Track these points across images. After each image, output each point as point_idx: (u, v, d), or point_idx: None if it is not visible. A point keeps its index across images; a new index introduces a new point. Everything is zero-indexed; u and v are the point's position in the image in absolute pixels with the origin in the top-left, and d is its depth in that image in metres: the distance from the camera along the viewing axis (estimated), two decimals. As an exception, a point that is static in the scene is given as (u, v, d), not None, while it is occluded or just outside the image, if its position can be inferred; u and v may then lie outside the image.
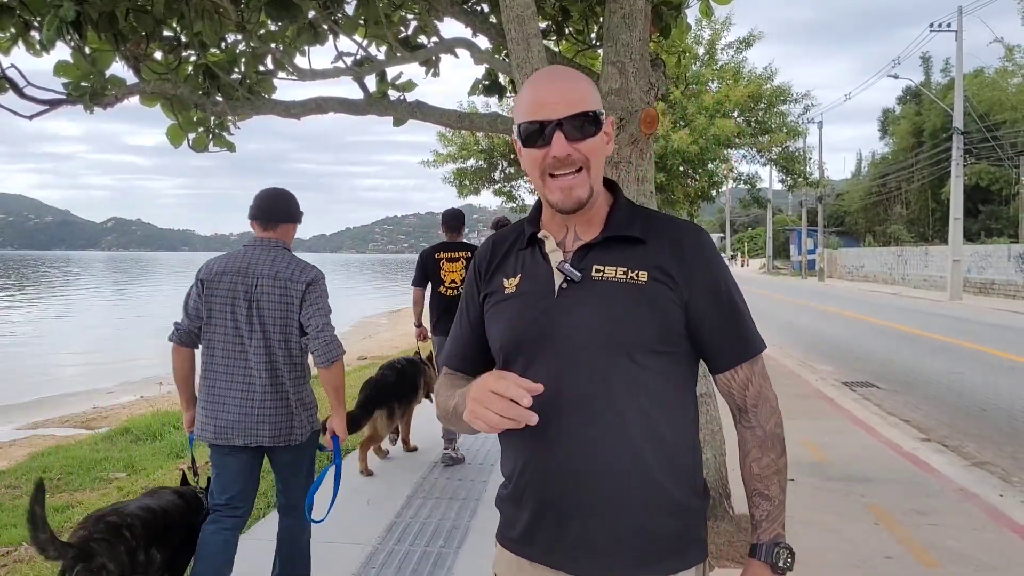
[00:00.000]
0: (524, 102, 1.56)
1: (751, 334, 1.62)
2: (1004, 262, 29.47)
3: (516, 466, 1.61)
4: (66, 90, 4.95)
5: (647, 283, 1.53)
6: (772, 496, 1.59)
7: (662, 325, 1.52)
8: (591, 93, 1.56)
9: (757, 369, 1.62)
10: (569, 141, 1.50)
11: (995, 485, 5.92)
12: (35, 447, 8.55)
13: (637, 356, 1.51)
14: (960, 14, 28.91)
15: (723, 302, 1.58)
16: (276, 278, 3.53)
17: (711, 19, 14.42)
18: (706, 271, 1.57)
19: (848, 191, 64.31)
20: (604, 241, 1.58)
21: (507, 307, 1.62)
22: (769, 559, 1.55)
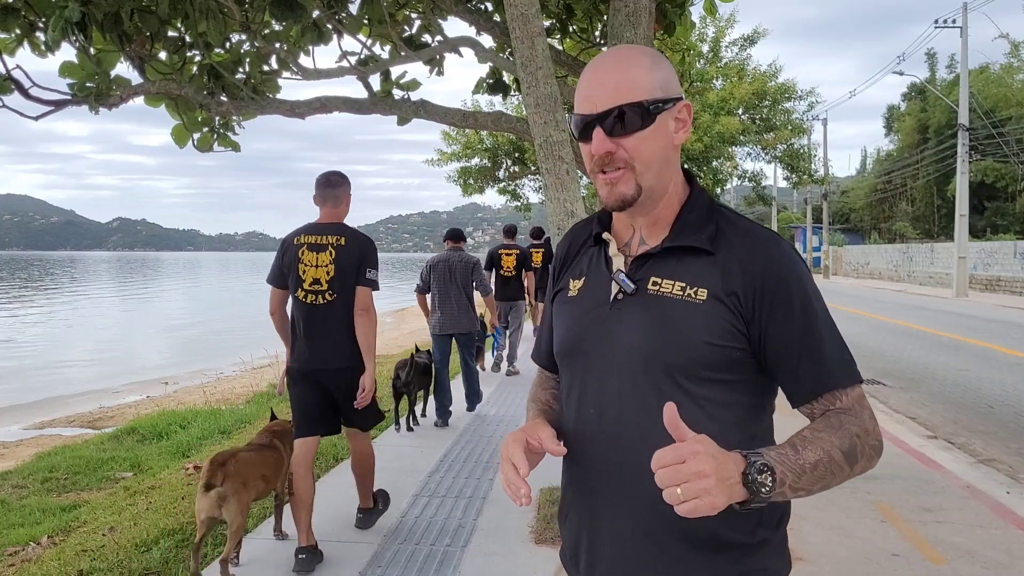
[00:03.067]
0: (576, 94, 1.43)
1: (836, 362, 1.36)
2: (1010, 258, 29.38)
3: (563, 483, 1.60)
4: (71, 90, 4.97)
5: (705, 302, 1.36)
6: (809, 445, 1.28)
7: (717, 351, 1.35)
8: (645, 79, 1.36)
9: (855, 398, 1.35)
10: (612, 137, 1.36)
11: (1002, 482, 5.90)
12: (42, 447, 8.58)
13: (682, 380, 1.36)
14: (965, 10, 28.83)
15: (798, 326, 1.35)
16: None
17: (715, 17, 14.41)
18: (779, 291, 1.35)
19: (853, 188, 64.16)
20: (665, 250, 1.42)
21: (567, 311, 1.53)
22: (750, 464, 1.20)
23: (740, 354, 1.37)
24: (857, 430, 1.31)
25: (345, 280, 4.34)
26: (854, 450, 1.30)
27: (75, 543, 4.78)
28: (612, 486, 1.43)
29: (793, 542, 4.44)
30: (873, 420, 1.35)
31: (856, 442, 1.30)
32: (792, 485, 1.24)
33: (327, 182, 4.52)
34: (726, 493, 1.16)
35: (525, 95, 4.20)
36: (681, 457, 1.14)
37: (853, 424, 1.32)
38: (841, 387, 1.35)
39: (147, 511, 5.29)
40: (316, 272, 4.33)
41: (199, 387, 13.06)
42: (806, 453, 1.26)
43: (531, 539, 4.53)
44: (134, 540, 4.61)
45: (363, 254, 4.39)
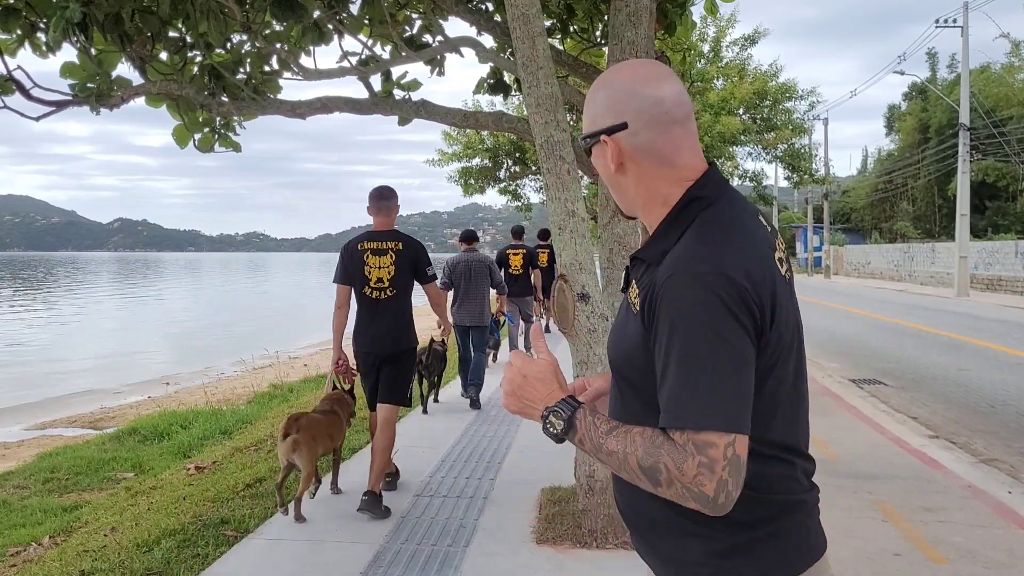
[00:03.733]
0: None
1: (686, 404, 1.29)
2: (1011, 258, 29.36)
3: None
4: (72, 91, 4.97)
5: (636, 313, 1.44)
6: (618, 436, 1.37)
7: (640, 359, 1.42)
8: (591, 111, 1.52)
9: (695, 440, 1.28)
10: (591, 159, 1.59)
11: (1003, 482, 5.90)
12: (43, 447, 8.59)
13: (623, 386, 1.53)
14: (966, 10, 28.83)
15: (660, 353, 1.35)
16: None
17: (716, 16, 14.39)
18: (659, 312, 1.35)
19: (854, 188, 64.16)
20: (633, 261, 1.55)
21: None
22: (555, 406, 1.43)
23: (650, 364, 1.41)
24: (670, 462, 1.28)
25: (403, 278, 5.19)
26: (656, 473, 1.30)
27: (77, 543, 4.78)
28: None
29: (794, 542, 4.44)
30: (702, 469, 1.26)
31: (663, 470, 1.29)
32: (593, 452, 1.41)
33: (380, 195, 5.31)
34: (518, 406, 1.49)
35: (526, 95, 4.20)
36: (513, 369, 1.51)
37: (670, 456, 1.29)
38: (676, 428, 1.30)
39: (148, 511, 5.29)
40: (379, 272, 5.18)
41: (200, 387, 13.07)
42: (610, 440, 1.37)
43: (532, 539, 4.53)
44: (136, 540, 4.61)
45: (416, 256, 5.24)
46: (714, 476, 1.26)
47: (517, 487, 5.52)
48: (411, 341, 5.31)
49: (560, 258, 4.25)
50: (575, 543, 4.39)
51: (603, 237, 4.84)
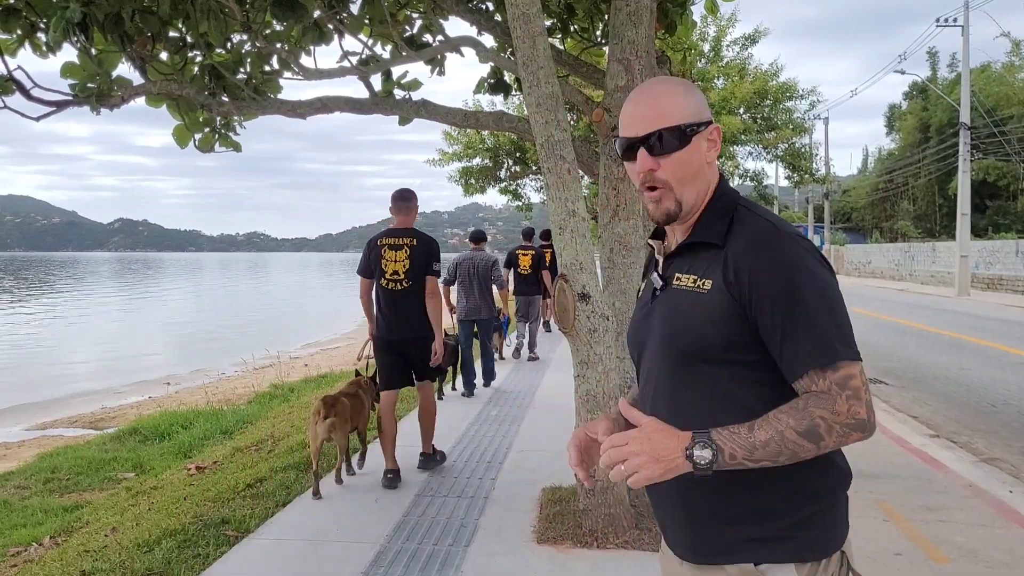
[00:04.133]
0: (622, 117, 1.63)
1: (818, 343, 1.44)
2: (1012, 257, 29.34)
3: None
4: (72, 91, 4.97)
5: (709, 291, 1.52)
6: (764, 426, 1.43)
7: (722, 336, 1.50)
8: (680, 105, 1.57)
9: (836, 379, 1.43)
10: (653, 156, 1.56)
11: (1004, 481, 5.90)
12: (44, 447, 8.60)
13: (701, 365, 1.53)
14: (967, 9, 28.80)
15: (779, 310, 1.46)
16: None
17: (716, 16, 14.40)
18: (764, 277, 1.47)
19: (855, 187, 64.14)
20: (684, 248, 1.62)
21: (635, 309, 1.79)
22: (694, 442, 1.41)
23: (741, 338, 1.50)
24: (822, 412, 1.41)
25: (416, 272, 5.71)
26: (815, 430, 1.41)
27: (77, 543, 4.78)
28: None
29: (795, 541, 4.44)
30: (852, 399, 1.42)
31: (819, 423, 1.41)
32: (747, 458, 1.41)
33: (400, 197, 5.90)
34: (663, 467, 1.40)
35: (526, 95, 4.19)
36: (624, 440, 1.42)
37: (819, 407, 1.42)
38: (817, 368, 1.44)
39: (149, 511, 5.29)
40: (395, 265, 5.71)
41: (201, 387, 13.07)
42: (759, 433, 1.41)
43: (533, 539, 4.53)
44: (136, 540, 4.61)
45: (429, 252, 5.75)
46: (862, 401, 1.43)
47: (518, 487, 5.52)
48: (426, 328, 5.78)
49: (560, 258, 4.24)
50: (576, 543, 4.39)
51: (603, 237, 4.84)
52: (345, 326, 25.70)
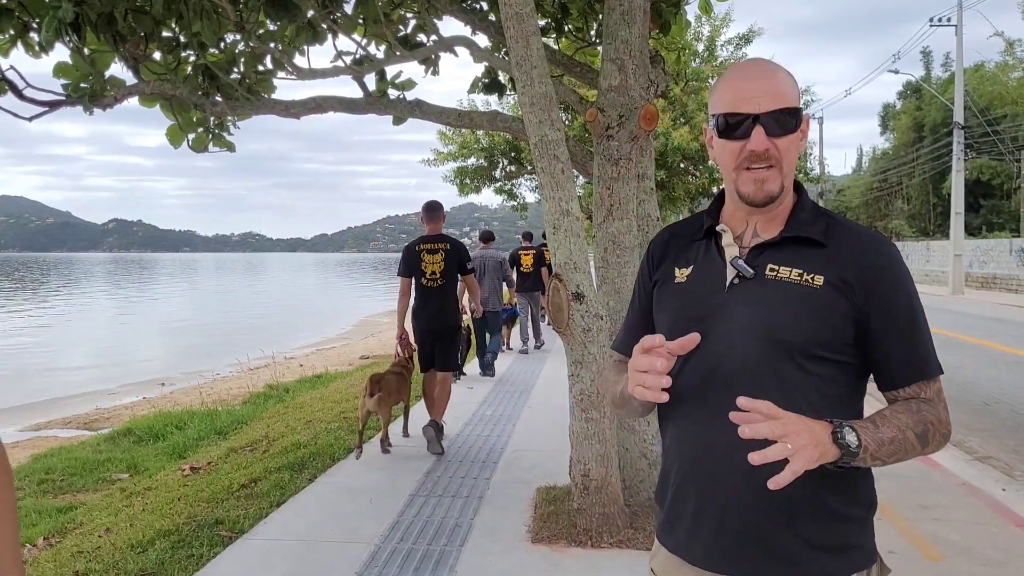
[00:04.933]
0: (725, 93, 1.55)
1: (928, 354, 1.54)
2: (1006, 256, 29.43)
3: (667, 451, 1.66)
4: (65, 91, 4.96)
5: (821, 288, 1.49)
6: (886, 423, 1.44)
7: (831, 332, 1.48)
8: (792, 88, 1.55)
9: (937, 390, 1.54)
10: (769, 136, 1.49)
11: (998, 479, 5.91)
12: (38, 448, 8.57)
13: (799, 359, 1.48)
14: (960, 8, 28.88)
15: (901, 318, 1.50)
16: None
17: (711, 15, 14.41)
18: (888, 284, 1.50)
19: (849, 186, 64.27)
20: (782, 241, 1.56)
21: (675, 296, 1.63)
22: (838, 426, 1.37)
23: (849, 338, 1.50)
24: (932, 418, 1.49)
25: (450, 272, 6.69)
26: (926, 434, 1.47)
27: (71, 544, 4.77)
28: (734, 462, 1.45)
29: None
30: (946, 411, 1.53)
31: (929, 428, 1.47)
32: (873, 453, 1.39)
33: (431, 208, 6.93)
34: (820, 450, 1.31)
35: (520, 94, 4.19)
36: (780, 415, 1.30)
37: (929, 412, 1.49)
38: (927, 378, 1.53)
39: (143, 512, 5.28)
40: (433, 267, 6.65)
41: (195, 388, 13.05)
42: (884, 429, 1.42)
43: (528, 538, 4.52)
44: (130, 541, 4.60)
45: (460, 254, 6.79)
46: (948, 413, 1.53)
47: (512, 486, 5.52)
48: (457, 319, 6.90)
49: (554, 257, 4.24)
50: (570, 542, 4.39)
51: (598, 236, 4.84)
52: (340, 326, 25.68)
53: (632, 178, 4.58)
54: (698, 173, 15.63)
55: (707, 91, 14.97)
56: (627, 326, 1.82)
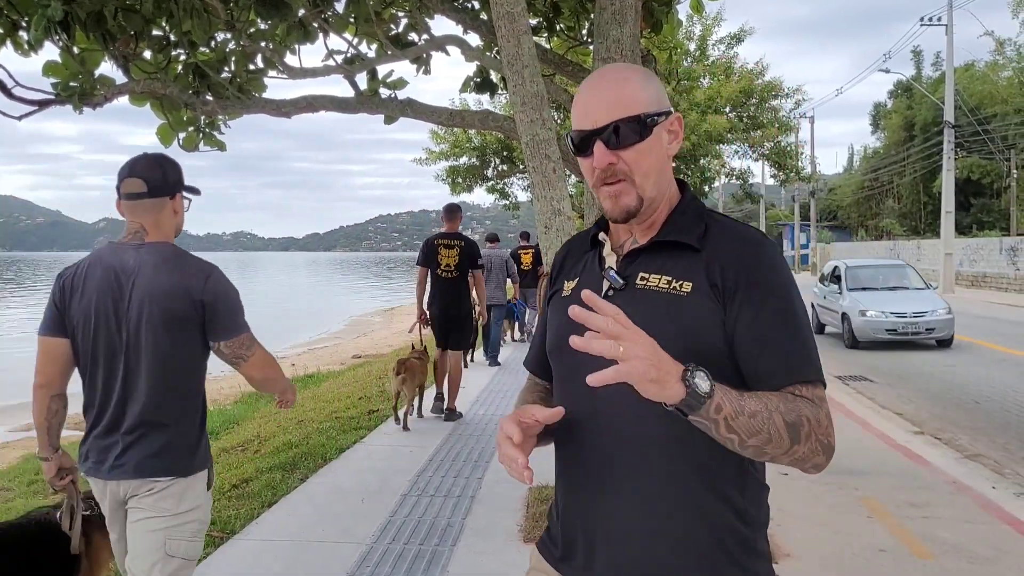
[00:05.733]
0: (575, 109, 1.50)
1: (807, 358, 1.39)
2: (995, 255, 29.58)
3: (557, 476, 1.61)
4: (55, 90, 4.94)
5: (688, 295, 1.41)
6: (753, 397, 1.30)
7: (699, 340, 1.38)
8: (641, 95, 1.45)
9: (818, 395, 1.37)
10: (611, 149, 1.43)
11: (988, 477, 5.94)
12: (29, 449, 8.52)
13: (708, 365, 1.34)
14: (951, 8, 29.01)
15: (771, 320, 1.39)
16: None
17: (702, 15, 14.42)
18: (756, 285, 1.40)
19: (840, 185, 64.51)
20: (652, 247, 1.49)
21: (560, 311, 1.51)
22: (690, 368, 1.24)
23: (716, 345, 1.39)
24: (809, 414, 1.32)
25: (463, 266, 7.64)
26: (798, 428, 1.30)
27: (61, 546, 4.74)
28: (615, 479, 1.43)
29: (780, 538, 4.46)
30: (829, 420, 1.36)
31: (804, 423, 1.31)
32: (728, 418, 1.25)
33: (449, 210, 7.90)
34: (659, 374, 1.19)
35: (512, 93, 4.19)
36: (626, 327, 1.19)
37: (807, 408, 1.33)
38: (802, 382, 1.36)
39: (134, 513, 5.25)
40: (448, 260, 7.60)
41: (187, 388, 12.98)
42: (749, 401, 1.27)
43: (520, 538, 4.53)
44: (121, 542, 4.57)
45: (472, 252, 7.73)
46: (832, 425, 1.37)
47: (504, 486, 5.52)
48: (469, 307, 7.98)
49: (546, 256, 4.25)
50: (563, 541, 4.39)
51: (590, 235, 4.84)
52: (332, 326, 25.62)
53: (624, 177, 4.58)
54: (690, 172, 15.65)
55: (699, 90, 15.01)
56: (534, 343, 1.77)
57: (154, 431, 2.53)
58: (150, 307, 2.50)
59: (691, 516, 1.40)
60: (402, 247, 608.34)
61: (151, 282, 2.51)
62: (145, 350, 2.52)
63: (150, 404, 2.52)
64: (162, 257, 2.57)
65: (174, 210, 2.69)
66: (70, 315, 2.57)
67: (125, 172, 2.63)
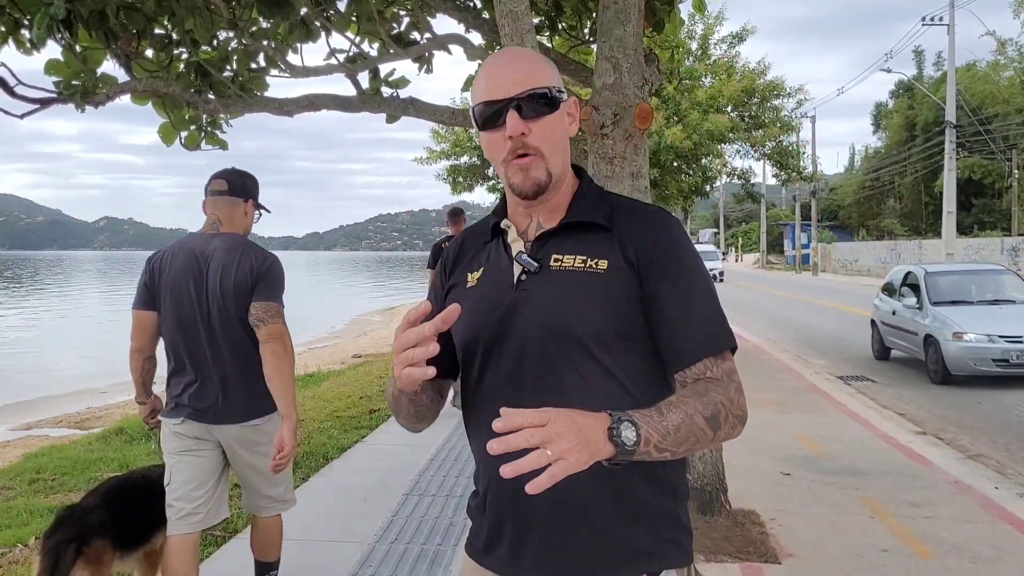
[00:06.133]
0: (479, 85, 1.50)
1: (709, 332, 1.44)
2: (997, 255, 29.57)
3: (478, 470, 1.59)
4: (57, 89, 4.93)
5: (606, 272, 1.44)
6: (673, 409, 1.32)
7: (622, 317, 1.43)
8: (547, 72, 1.49)
9: (726, 369, 1.43)
10: (524, 120, 1.43)
11: (989, 477, 5.94)
12: (29, 448, 8.53)
13: (596, 350, 1.42)
14: (952, 8, 28.98)
15: (682, 293, 1.44)
16: None
17: (704, 14, 14.41)
18: (668, 259, 1.46)
19: (842, 185, 64.48)
20: (563, 228, 1.51)
21: (467, 301, 1.50)
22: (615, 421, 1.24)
23: (639, 320, 1.44)
24: (722, 399, 1.38)
25: None
26: (717, 417, 1.36)
27: (63, 544, 4.74)
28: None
29: (782, 537, 4.46)
30: (739, 392, 1.42)
31: (720, 409, 1.36)
32: (657, 445, 1.27)
33: (454, 212, 8.02)
34: (590, 451, 1.18)
35: (514, 92, 4.18)
36: (544, 418, 1.16)
37: (719, 393, 1.38)
38: (712, 355, 1.42)
39: (136, 512, 5.25)
40: None
41: (188, 387, 12.99)
42: (671, 416, 1.30)
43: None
44: (123, 541, 4.57)
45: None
46: (743, 396, 1.43)
47: (506, 485, 5.52)
48: None
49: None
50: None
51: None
52: (332, 325, 25.63)
53: (626, 177, 4.57)
54: (691, 172, 15.65)
55: (701, 89, 14.99)
56: None
57: (240, 383, 3.22)
58: (222, 282, 3.16)
59: (622, 494, 1.43)
60: (402, 246, 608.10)
61: (223, 262, 3.19)
62: (219, 318, 3.18)
63: (230, 361, 3.22)
64: (232, 244, 3.27)
65: (245, 212, 3.44)
66: (159, 291, 3.28)
67: (214, 175, 3.41)
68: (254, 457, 3.30)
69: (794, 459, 6.22)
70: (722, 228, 76.93)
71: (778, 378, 9.98)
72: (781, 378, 10.02)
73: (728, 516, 4.70)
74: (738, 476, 5.28)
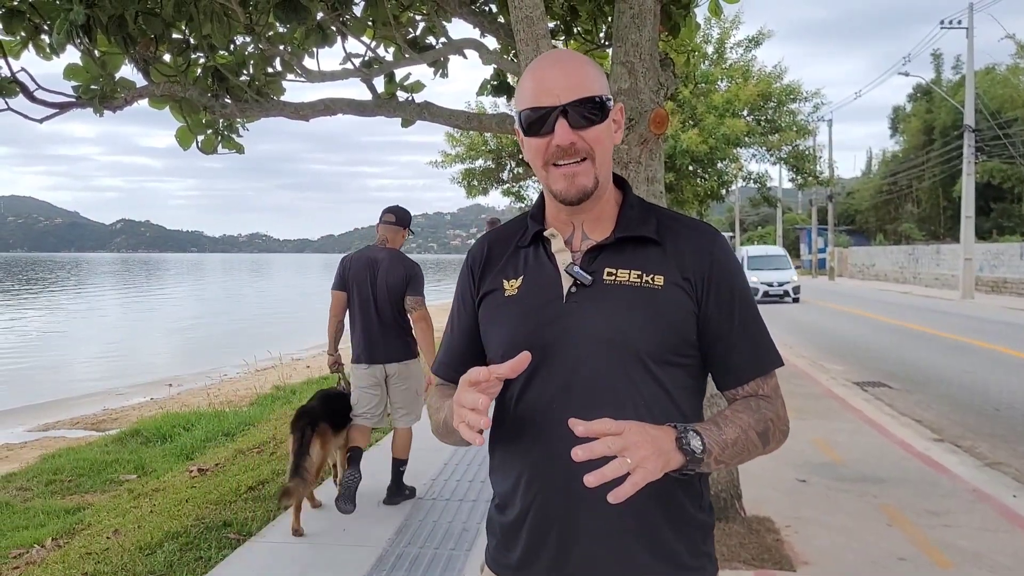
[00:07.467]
0: (526, 88, 1.46)
1: (767, 348, 1.50)
2: (1016, 260, 29.28)
3: (516, 483, 1.49)
4: (76, 93, 4.97)
5: (663, 288, 1.43)
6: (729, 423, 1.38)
7: (677, 334, 1.43)
8: (597, 78, 1.44)
9: (773, 386, 1.50)
10: (573, 128, 1.40)
11: (1008, 485, 5.87)
12: (46, 449, 8.59)
13: (652, 366, 1.41)
14: (971, 11, 28.74)
15: (740, 312, 1.47)
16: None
17: (720, 18, 14.38)
18: (725, 277, 1.46)
19: (859, 189, 64.09)
20: (617, 242, 1.47)
21: (508, 311, 1.49)
22: (682, 432, 1.29)
23: (692, 337, 1.46)
24: (771, 415, 1.45)
25: None
26: (767, 432, 1.43)
27: (79, 546, 4.78)
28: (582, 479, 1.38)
29: (799, 545, 4.43)
30: (784, 407, 1.50)
31: (770, 425, 1.44)
32: (718, 457, 1.33)
33: (494, 221, 8.10)
34: (664, 460, 1.24)
35: (529, 97, 4.17)
36: (620, 428, 1.20)
37: (768, 409, 1.45)
38: (765, 375, 1.49)
39: (151, 514, 5.29)
40: None
41: (203, 389, 13.07)
42: (727, 429, 1.37)
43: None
44: (138, 543, 4.60)
45: None
46: (786, 409, 1.52)
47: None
48: None
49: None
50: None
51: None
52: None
53: (642, 181, 4.56)
54: (707, 176, 15.60)
55: (717, 93, 14.94)
56: (449, 349, 1.66)
57: (396, 337, 5.28)
58: (387, 280, 5.23)
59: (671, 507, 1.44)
60: (417, 249, 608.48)
61: (387, 267, 5.26)
62: (384, 301, 5.23)
63: (391, 324, 5.26)
64: (393, 256, 5.35)
65: (402, 236, 5.54)
66: (348, 280, 5.31)
67: (386, 208, 5.57)
68: (402, 383, 5.29)
69: (810, 465, 6.18)
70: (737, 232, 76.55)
71: (794, 383, 9.91)
72: (797, 384, 9.95)
73: (743, 523, 4.67)
74: (753, 482, 5.25)
